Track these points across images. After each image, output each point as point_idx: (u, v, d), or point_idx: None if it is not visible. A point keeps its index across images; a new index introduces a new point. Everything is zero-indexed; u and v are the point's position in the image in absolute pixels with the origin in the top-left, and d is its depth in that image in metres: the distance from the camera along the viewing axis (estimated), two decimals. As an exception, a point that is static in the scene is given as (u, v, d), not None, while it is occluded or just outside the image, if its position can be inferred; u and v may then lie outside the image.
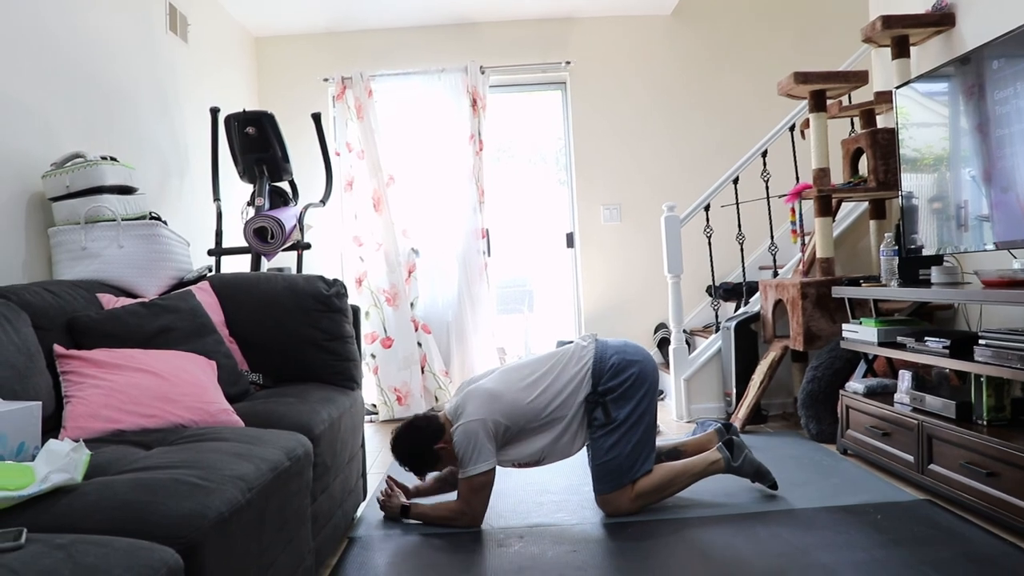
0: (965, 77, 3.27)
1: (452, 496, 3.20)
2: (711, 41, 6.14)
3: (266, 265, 4.34)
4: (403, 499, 3.23)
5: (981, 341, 2.88)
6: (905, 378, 3.40)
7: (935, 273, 3.40)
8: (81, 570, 1.28)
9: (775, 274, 5.01)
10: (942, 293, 3.21)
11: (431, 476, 3.39)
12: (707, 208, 5.05)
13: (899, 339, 3.51)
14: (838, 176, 4.77)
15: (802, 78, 4.33)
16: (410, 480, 3.43)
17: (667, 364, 5.39)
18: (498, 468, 3.07)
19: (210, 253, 4.38)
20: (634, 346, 3.27)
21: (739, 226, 5.07)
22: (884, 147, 4.23)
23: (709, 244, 5.11)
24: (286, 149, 4.42)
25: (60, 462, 1.68)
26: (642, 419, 3.14)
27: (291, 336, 3.18)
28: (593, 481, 3.18)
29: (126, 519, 1.54)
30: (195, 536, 1.55)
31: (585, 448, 3.23)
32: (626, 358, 3.18)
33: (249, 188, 4.52)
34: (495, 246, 5.97)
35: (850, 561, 2.52)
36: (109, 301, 2.87)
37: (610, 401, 3.11)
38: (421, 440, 3.10)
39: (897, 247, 3.74)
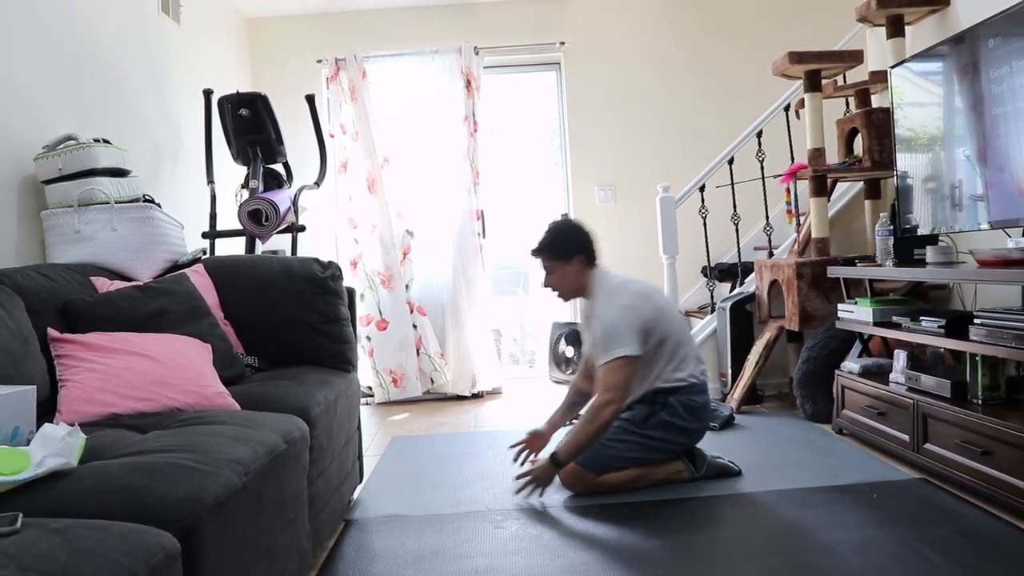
0: (960, 56, 3.26)
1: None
2: (706, 21, 6.11)
3: (260, 248, 4.33)
4: (545, 456, 3.19)
5: (976, 320, 2.88)
6: (900, 358, 3.40)
7: (930, 253, 3.41)
8: (78, 554, 1.27)
9: (770, 254, 5.01)
10: (937, 273, 3.21)
11: (556, 410, 3.53)
12: (702, 189, 5.04)
13: (894, 319, 3.51)
14: (833, 156, 4.76)
15: (797, 58, 4.31)
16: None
17: (662, 345, 5.40)
18: (493, 453, 3.07)
19: (204, 236, 4.36)
20: (710, 412, 3.37)
21: (734, 206, 5.06)
22: (879, 127, 4.23)
23: (704, 225, 5.11)
24: (280, 131, 4.39)
25: (55, 446, 1.68)
26: (660, 450, 3.18)
27: (286, 319, 3.18)
28: None
29: (123, 503, 1.54)
30: (192, 520, 1.54)
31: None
32: (704, 412, 3.26)
33: (243, 170, 4.50)
34: (490, 227, 5.95)
35: (845, 540, 2.53)
36: (103, 284, 2.85)
37: (662, 417, 3.15)
38: (581, 230, 3.29)
39: (892, 227, 3.74)
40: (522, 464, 3.35)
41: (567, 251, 3.26)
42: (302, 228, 4.45)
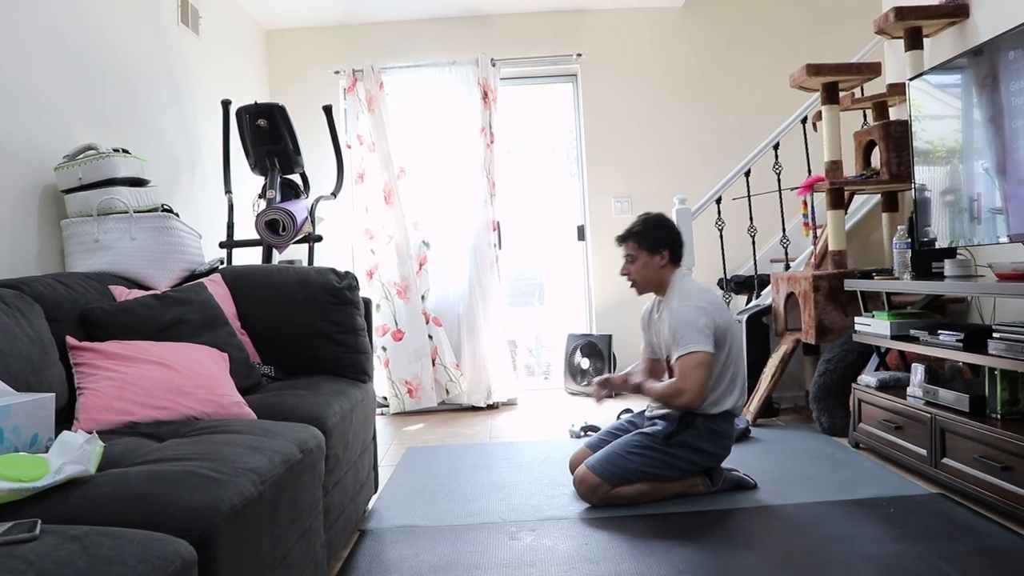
0: (979, 68, 3.25)
1: None
2: (722, 33, 6.12)
3: (277, 258, 4.35)
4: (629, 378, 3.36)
5: (995, 334, 2.86)
6: (918, 371, 3.38)
7: (948, 266, 3.39)
8: (96, 561, 1.28)
9: (787, 267, 4.99)
10: (956, 286, 3.19)
11: (635, 371, 3.53)
12: (719, 201, 5.03)
13: (912, 332, 3.49)
14: (850, 169, 4.75)
15: (814, 70, 4.30)
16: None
17: (678, 357, 5.38)
18: (505, 460, 3.07)
19: (221, 245, 4.39)
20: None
21: (751, 219, 5.05)
22: (897, 139, 4.21)
23: (721, 237, 5.09)
24: (297, 142, 4.42)
25: (74, 454, 1.69)
26: (677, 468, 3.17)
27: (303, 328, 3.18)
28: (595, 451, 3.27)
29: (140, 511, 1.55)
30: (209, 528, 1.55)
31: (631, 418, 3.40)
32: (731, 440, 3.29)
33: (260, 180, 4.52)
34: (506, 239, 5.96)
35: (862, 555, 2.51)
36: (121, 293, 2.87)
37: (688, 437, 3.14)
38: (670, 228, 3.31)
39: (910, 240, 3.72)
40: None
41: (656, 243, 3.27)
42: (319, 238, 4.47)
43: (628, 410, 4.72)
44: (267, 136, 4.31)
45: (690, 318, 3.08)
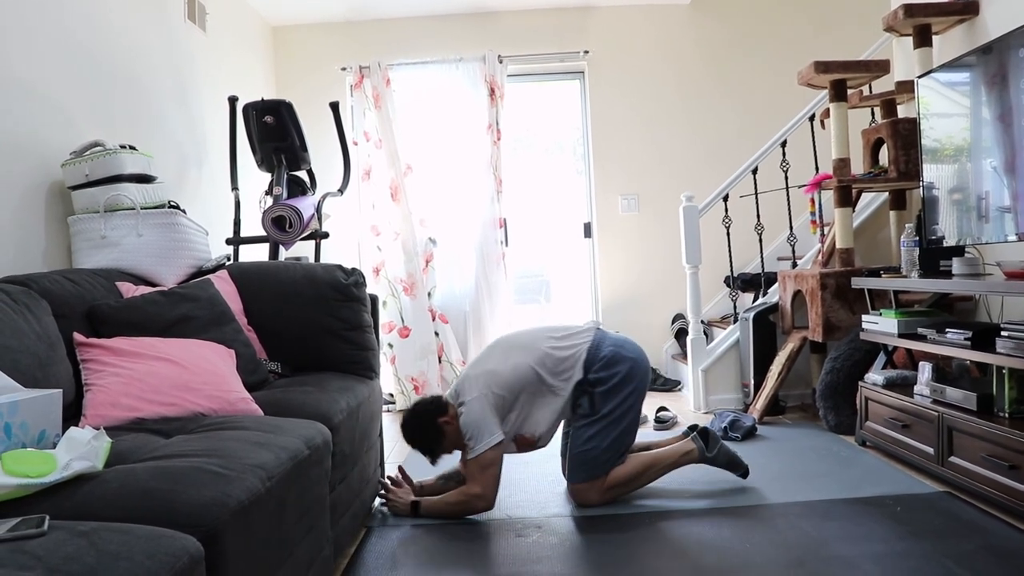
0: (988, 66, 3.23)
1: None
2: (730, 30, 6.10)
3: (284, 254, 4.35)
4: (411, 496, 3.17)
5: (1003, 333, 2.85)
6: (925, 370, 3.37)
7: (956, 264, 3.38)
8: (104, 557, 1.28)
9: (794, 265, 4.98)
10: (964, 284, 3.18)
11: (436, 474, 3.36)
12: (726, 198, 5.02)
13: (919, 330, 3.48)
14: (858, 166, 4.74)
15: (823, 67, 4.29)
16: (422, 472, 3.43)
17: (684, 355, 5.38)
18: (511, 457, 3.06)
19: (228, 242, 4.40)
20: (632, 344, 3.27)
21: (758, 216, 5.04)
22: (905, 137, 4.20)
23: (728, 234, 5.09)
24: (304, 138, 4.42)
25: (81, 450, 1.69)
26: (625, 416, 3.14)
27: (309, 325, 3.19)
28: (566, 471, 3.23)
29: (147, 507, 1.55)
30: (216, 524, 1.55)
31: (563, 436, 3.30)
32: (621, 353, 3.18)
33: (267, 177, 4.53)
34: (512, 236, 5.97)
35: (869, 553, 2.51)
36: (128, 289, 2.88)
37: (598, 393, 3.12)
38: (426, 414, 3.10)
39: (918, 238, 3.71)
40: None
41: (430, 437, 3.10)
42: (325, 235, 4.47)
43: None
44: (274, 133, 4.31)
45: (475, 415, 3.00)
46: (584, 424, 3.13)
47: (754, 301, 5.15)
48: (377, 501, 3.26)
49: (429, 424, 3.08)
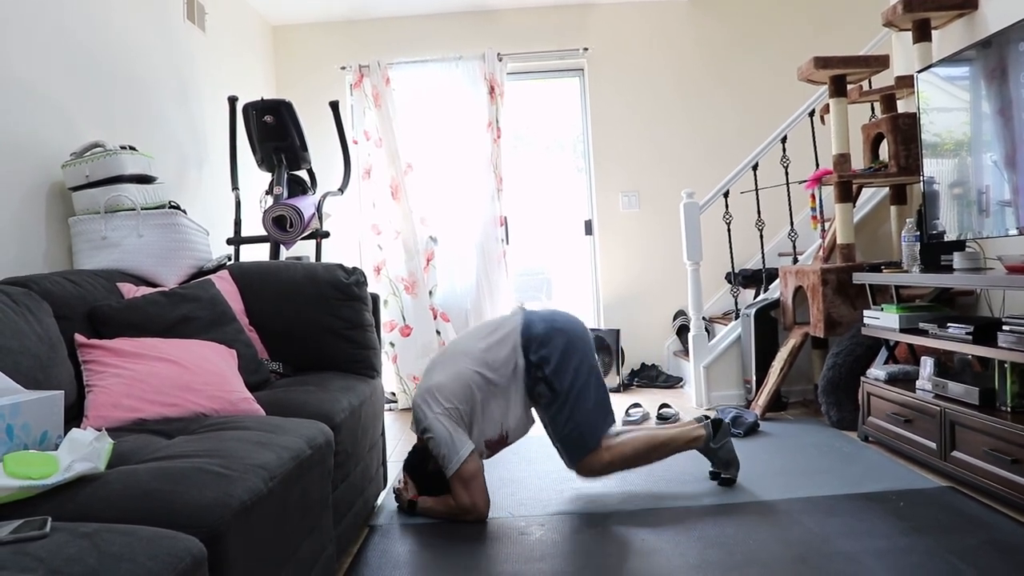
0: (988, 60, 3.23)
1: None
2: (729, 27, 6.10)
3: (285, 254, 4.35)
4: (410, 495, 3.20)
5: (1005, 327, 2.85)
6: (927, 364, 3.37)
7: (957, 259, 3.37)
8: (106, 558, 1.28)
9: (795, 260, 4.97)
10: (965, 279, 3.18)
11: None
12: (726, 195, 5.02)
13: (921, 325, 3.48)
14: (858, 162, 4.73)
15: (822, 63, 4.29)
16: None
17: (686, 351, 5.38)
18: (511, 457, 3.05)
19: (229, 242, 4.40)
20: (562, 314, 3.26)
21: (758, 212, 5.04)
22: (905, 132, 4.19)
23: (728, 231, 5.08)
24: (304, 138, 4.42)
25: (83, 451, 1.69)
26: (588, 384, 3.12)
27: (311, 324, 3.19)
28: (562, 456, 3.20)
29: (150, 508, 1.55)
30: (218, 525, 1.55)
31: (544, 427, 3.27)
32: (553, 326, 3.17)
33: (267, 177, 4.53)
34: (513, 234, 5.96)
35: (872, 549, 2.51)
36: (129, 290, 2.88)
37: (549, 374, 3.09)
38: (418, 466, 3.20)
39: (919, 233, 3.70)
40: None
41: (425, 471, 3.18)
42: (326, 234, 4.47)
43: (637, 404, 4.75)
44: (274, 132, 4.31)
45: (439, 435, 2.96)
46: (553, 410, 3.11)
47: (755, 297, 5.15)
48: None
49: (424, 476, 3.18)
